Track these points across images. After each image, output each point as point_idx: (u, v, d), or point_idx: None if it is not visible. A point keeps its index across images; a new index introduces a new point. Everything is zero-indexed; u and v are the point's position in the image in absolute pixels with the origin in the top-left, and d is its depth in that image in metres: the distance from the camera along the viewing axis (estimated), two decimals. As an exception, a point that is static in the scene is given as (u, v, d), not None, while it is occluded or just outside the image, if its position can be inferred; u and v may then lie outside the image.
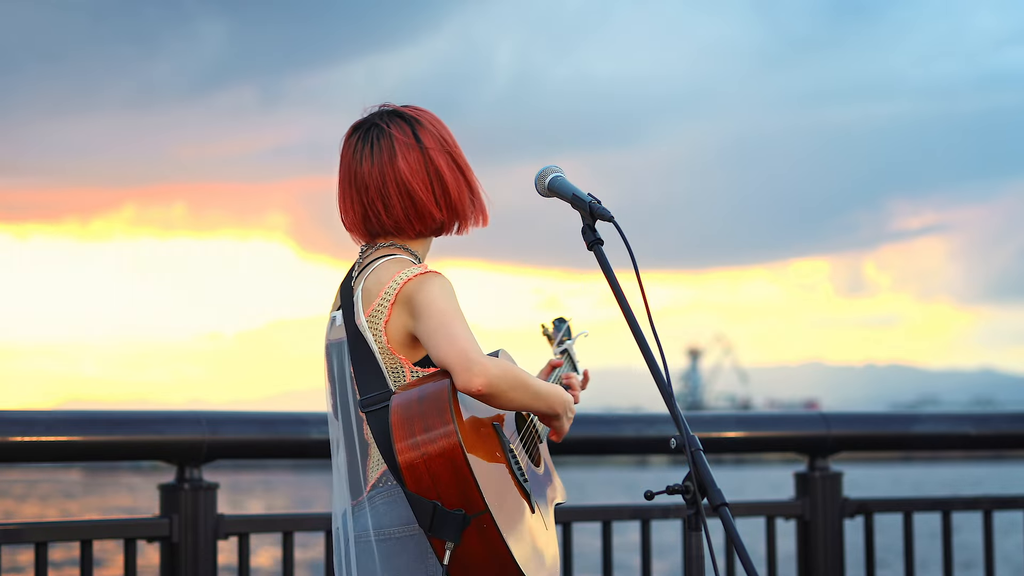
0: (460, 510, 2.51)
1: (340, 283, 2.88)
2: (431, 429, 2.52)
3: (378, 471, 2.72)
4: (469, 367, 2.57)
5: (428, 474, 2.51)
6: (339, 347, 2.80)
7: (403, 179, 2.78)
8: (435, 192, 2.80)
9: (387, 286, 2.71)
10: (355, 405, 2.75)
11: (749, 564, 2.29)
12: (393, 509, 2.69)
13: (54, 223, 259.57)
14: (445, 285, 2.71)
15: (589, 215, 2.63)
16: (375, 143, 2.81)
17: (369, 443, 2.73)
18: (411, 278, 2.70)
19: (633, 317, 2.50)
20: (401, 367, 2.71)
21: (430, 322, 2.65)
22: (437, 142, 2.83)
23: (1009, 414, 5.44)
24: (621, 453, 5.00)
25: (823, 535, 4.81)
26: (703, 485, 2.38)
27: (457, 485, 2.50)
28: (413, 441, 2.52)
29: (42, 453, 3.93)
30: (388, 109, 2.87)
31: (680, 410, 2.45)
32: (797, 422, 5.14)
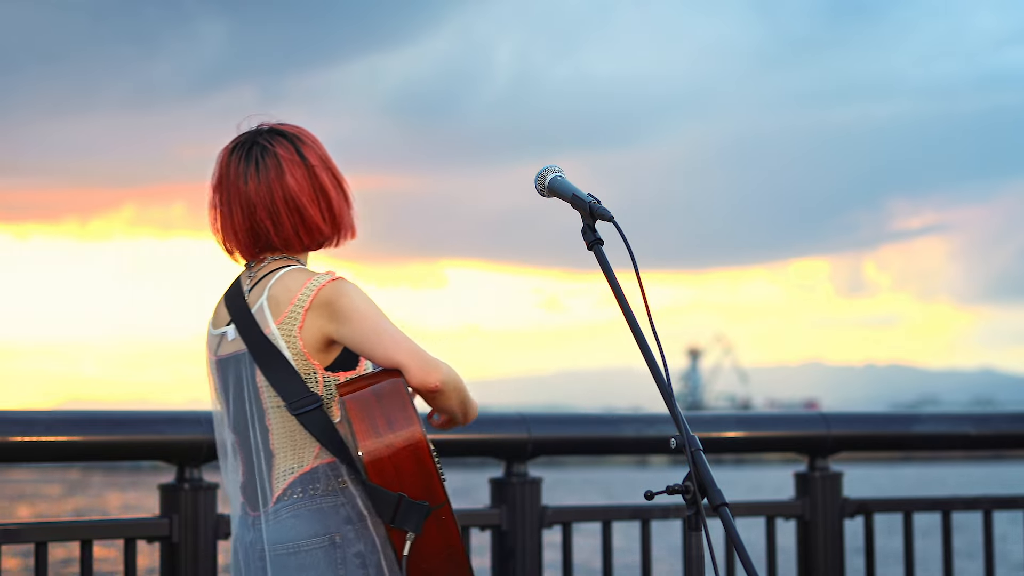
0: (424, 502, 2.61)
1: (223, 299, 2.90)
2: (395, 424, 2.61)
3: (285, 482, 2.76)
4: (425, 363, 2.69)
5: (393, 467, 2.60)
6: (235, 361, 2.82)
7: (292, 195, 2.82)
8: (321, 207, 2.85)
9: (299, 293, 2.75)
10: (259, 416, 2.79)
11: (749, 564, 2.29)
12: (301, 521, 2.74)
13: (54, 223, 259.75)
14: (360, 289, 2.78)
15: (589, 215, 2.63)
16: (259, 161, 2.84)
17: (275, 454, 2.78)
18: (325, 284, 2.76)
19: (633, 317, 2.50)
20: (314, 372, 2.76)
21: (364, 324, 2.72)
22: (319, 159, 2.88)
23: (1009, 414, 5.44)
24: (621, 453, 5.00)
25: (823, 535, 4.81)
26: (703, 485, 2.38)
27: (421, 477, 2.61)
28: (377, 436, 2.61)
29: (42, 453, 3.93)
30: (267, 127, 2.90)
31: (680, 410, 2.45)
32: (797, 422, 5.14)
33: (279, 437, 2.78)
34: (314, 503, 2.74)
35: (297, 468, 2.76)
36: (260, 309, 2.79)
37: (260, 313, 2.78)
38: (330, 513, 2.74)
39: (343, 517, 2.74)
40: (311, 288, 2.75)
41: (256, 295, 2.81)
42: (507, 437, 4.39)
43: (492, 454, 4.43)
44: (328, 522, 2.73)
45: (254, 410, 2.79)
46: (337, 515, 2.74)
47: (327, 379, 2.77)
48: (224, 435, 2.88)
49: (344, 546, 2.72)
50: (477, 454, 4.51)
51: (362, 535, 2.74)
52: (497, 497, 4.41)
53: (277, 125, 2.91)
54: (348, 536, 2.73)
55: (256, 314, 2.79)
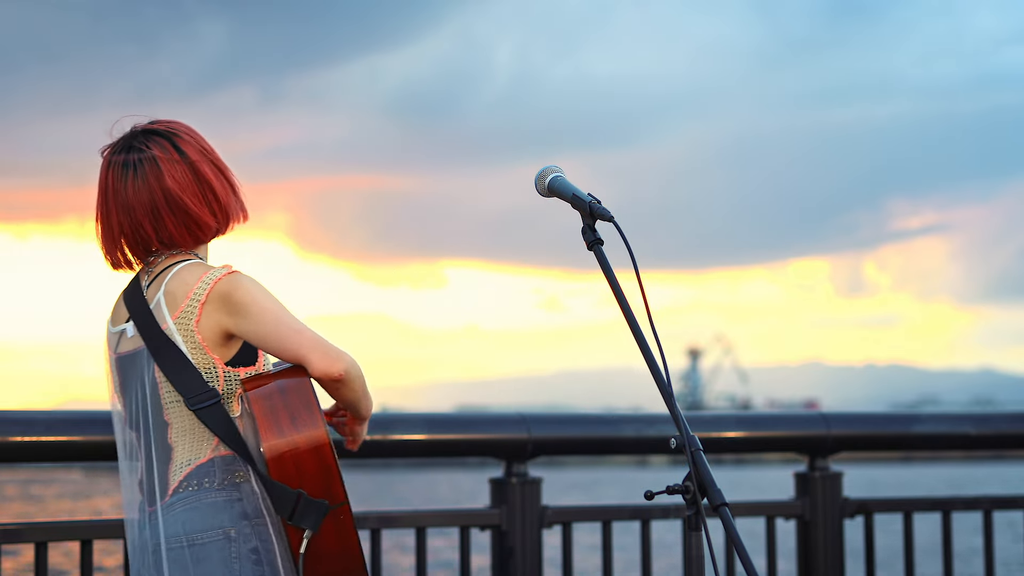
0: (323, 500, 2.62)
1: (122, 297, 2.89)
2: (298, 421, 2.62)
3: (180, 475, 2.75)
4: (327, 353, 2.69)
5: (295, 465, 2.61)
6: (134, 358, 2.81)
7: (174, 196, 2.81)
8: (208, 201, 2.85)
9: (195, 287, 2.75)
10: (157, 411, 2.77)
11: (749, 564, 2.29)
12: (197, 514, 2.73)
13: (54, 223, 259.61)
14: (258, 282, 2.78)
15: (589, 215, 2.63)
16: (137, 166, 2.82)
17: (173, 447, 2.77)
18: (221, 277, 2.76)
19: (633, 317, 2.50)
20: (214, 367, 2.76)
21: (263, 317, 2.72)
22: (199, 152, 2.86)
23: (1009, 414, 5.43)
24: (621, 453, 5.00)
25: (823, 535, 4.81)
26: (703, 485, 2.38)
27: (322, 476, 2.61)
28: (280, 433, 2.61)
29: (42, 453, 3.93)
30: (140, 128, 2.89)
31: (680, 410, 2.45)
32: (797, 422, 5.13)
33: (178, 431, 2.77)
34: (209, 496, 2.73)
35: (193, 460, 2.75)
36: (157, 304, 2.78)
37: (158, 308, 2.78)
38: (225, 507, 2.73)
39: (239, 512, 2.73)
40: (207, 282, 2.75)
41: (154, 291, 2.81)
42: (507, 437, 4.39)
43: (492, 454, 4.43)
44: (223, 516, 2.72)
45: (152, 406, 2.78)
46: (232, 509, 2.73)
47: (227, 374, 2.76)
48: (124, 434, 2.86)
49: (239, 541, 2.71)
50: (477, 454, 4.51)
51: (258, 531, 2.73)
52: (497, 497, 4.41)
53: (151, 125, 2.89)
54: (244, 531, 2.72)
55: (154, 310, 2.78)
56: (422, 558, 4.23)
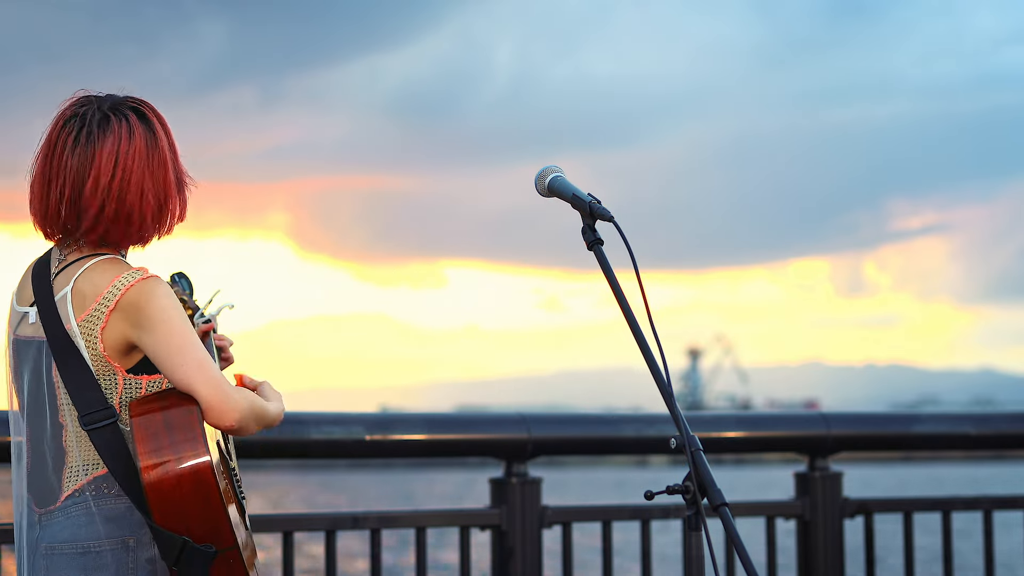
0: (210, 545, 2.51)
1: (31, 273, 2.75)
2: (183, 460, 2.48)
3: (77, 482, 2.63)
4: (222, 403, 2.56)
5: (177, 502, 2.48)
6: (32, 346, 2.68)
7: (124, 178, 2.66)
8: (159, 195, 2.70)
9: (105, 291, 2.61)
10: (53, 412, 2.65)
11: (749, 564, 2.29)
12: (92, 522, 2.61)
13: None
14: (171, 294, 2.63)
15: (589, 215, 2.63)
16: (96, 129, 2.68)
17: (66, 451, 2.64)
18: (133, 284, 2.60)
19: (633, 317, 2.50)
20: (114, 374, 2.62)
21: (169, 340, 2.57)
22: (164, 138, 2.76)
23: (1009, 414, 5.44)
24: (621, 453, 5.00)
25: (823, 535, 4.81)
26: (703, 485, 2.38)
27: (208, 520, 2.49)
28: (164, 471, 2.47)
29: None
30: (111, 96, 2.75)
31: (680, 410, 2.45)
32: (797, 422, 5.14)
33: (72, 435, 2.64)
34: (108, 503, 2.61)
35: (93, 469, 2.63)
36: (63, 299, 2.64)
37: (63, 304, 2.63)
38: (126, 514, 2.61)
39: (138, 520, 2.61)
40: (118, 287, 2.60)
41: (61, 282, 2.66)
42: (507, 437, 4.39)
43: (492, 454, 4.43)
44: (123, 524, 2.60)
45: (48, 404, 2.65)
46: (132, 517, 2.61)
47: (127, 381, 2.63)
48: (17, 421, 2.73)
49: (137, 550, 2.60)
50: (477, 454, 4.51)
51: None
52: (497, 497, 4.41)
53: (124, 98, 2.75)
54: (142, 540, 2.60)
55: (59, 303, 2.63)
56: (422, 558, 4.23)
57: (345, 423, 4.15)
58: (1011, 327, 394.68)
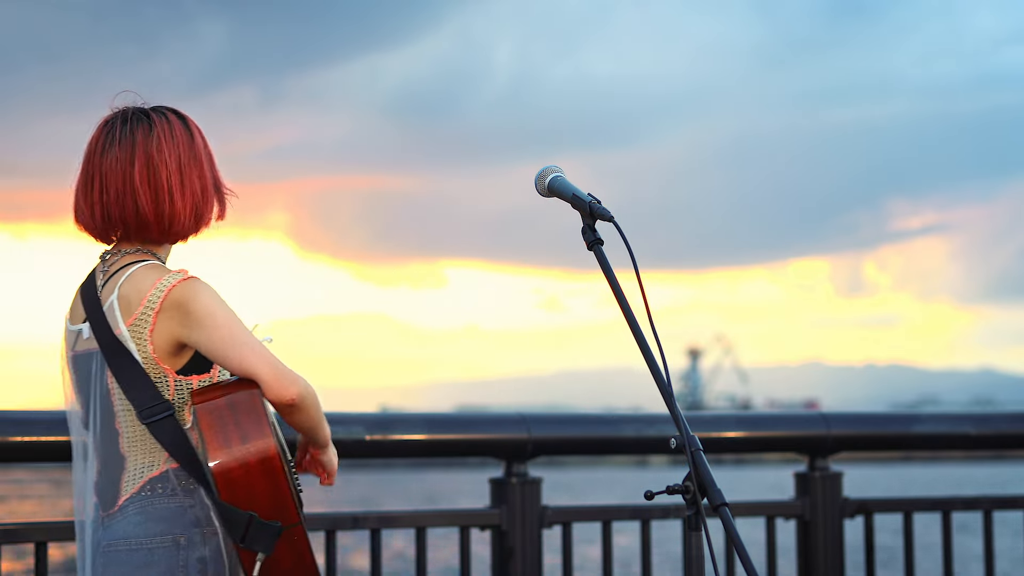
0: (276, 521, 2.55)
1: (79, 292, 2.84)
2: (248, 439, 2.54)
3: (134, 486, 2.70)
4: (282, 375, 2.63)
5: (245, 484, 2.53)
6: (88, 358, 2.75)
7: (159, 174, 2.76)
8: (192, 190, 2.80)
9: (149, 294, 2.68)
10: (109, 418, 2.72)
11: (749, 564, 2.29)
12: (147, 521, 2.67)
13: (53, 223, 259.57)
14: (213, 291, 2.70)
15: (589, 215, 2.63)
16: (132, 131, 2.78)
17: (124, 457, 2.72)
18: (176, 284, 2.68)
19: (633, 317, 2.50)
20: (165, 377, 2.69)
21: (219, 331, 2.65)
22: (200, 139, 2.86)
23: (1009, 414, 5.43)
24: (621, 453, 5.00)
25: (823, 535, 4.81)
26: (703, 485, 2.38)
27: (273, 496, 2.54)
28: (229, 450, 2.53)
29: (42, 453, 3.92)
30: (146, 105, 2.84)
31: (680, 410, 2.45)
32: (797, 422, 5.13)
33: (129, 440, 2.72)
34: (162, 502, 2.68)
35: (147, 471, 2.70)
36: (111, 308, 2.72)
37: (111, 312, 2.71)
38: (178, 514, 2.68)
39: (191, 519, 2.68)
40: (161, 288, 2.68)
41: (107, 292, 2.75)
42: (507, 437, 4.39)
43: (492, 454, 4.43)
44: (175, 523, 2.67)
45: (104, 413, 2.73)
46: (185, 517, 2.68)
47: (179, 383, 2.70)
48: (79, 433, 2.81)
49: (188, 548, 2.66)
50: (477, 454, 4.51)
51: (208, 540, 2.69)
52: (497, 497, 4.41)
53: (157, 106, 2.84)
54: (194, 539, 2.67)
55: (107, 312, 2.72)
56: (422, 558, 4.23)
57: (345, 423, 4.14)
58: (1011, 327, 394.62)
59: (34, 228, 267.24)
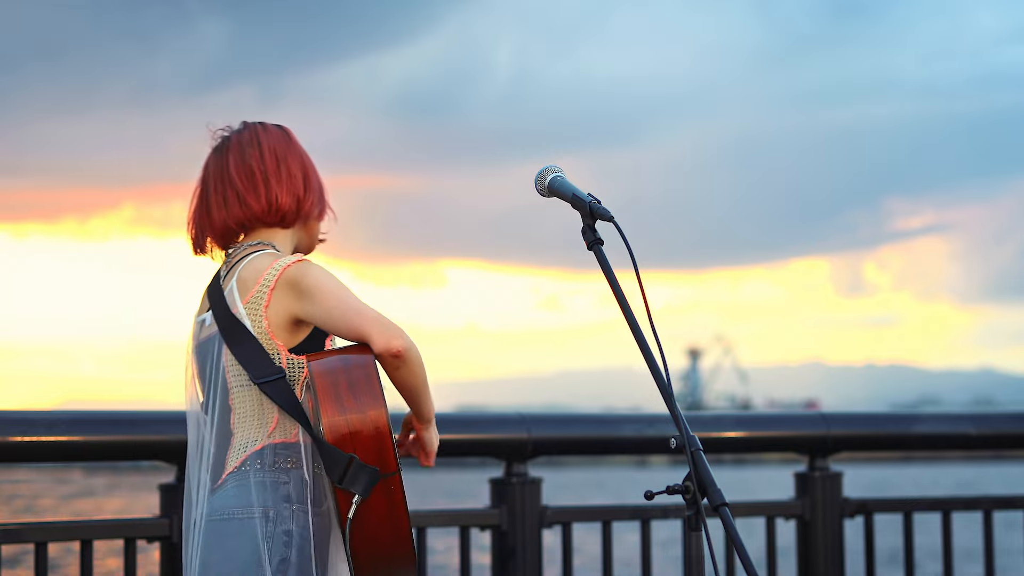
0: (375, 467, 2.64)
1: (205, 290, 2.99)
2: (359, 395, 2.65)
3: (236, 460, 2.83)
4: (388, 329, 2.72)
5: (350, 435, 2.63)
6: (209, 343, 2.90)
7: (255, 168, 2.99)
8: (291, 181, 3.02)
9: (265, 273, 2.83)
10: (224, 395, 2.86)
11: (749, 564, 2.29)
12: (240, 492, 2.80)
13: (52, 223, 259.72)
14: (325, 269, 2.85)
15: (589, 215, 2.63)
16: (232, 140, 3.03)
17: (233, 433, 2.85)
18: (290, 264, 2.83)
19: (633, 317, 2.50)
20: (278, 353, 2.82)
21: (329, 300, 2.78)
22: (296, 144, 3.10)
23: (1009, 414, 5.44)
24: (621, 453, 5.00)
25: (823, 535, 4.81)
26: (703, 485, 2.38)
27: (376, 445, 2.64)
28: (340, 404, 2.64)
29: (42, 453, 3.93)
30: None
31: (680, 410, 2.45)
32: (797, 422, 5.14)
33: (239, 416, 2.86)
34: (258, 476, 2.80)
35: (250, 447, 2.83)
36: (231, 291, 2.87)
37: (231, 295, 2.86)
38: (271, 488, 2.80)
39: (283, 495, 2.80)
40: (276, 268, 2.83)
41: (228, 280, 2.91)
42: (507, 437, 4.39)
43: (492, 454, 4.43)
44: (267, 496, 2.79)
45: (220, 390, 2.87)
46: (277, 491, 2.80)
47: (291, 360, 2.83)
48: (199, 425, 2.94)
49: (276, 522, 2.77)
50: (477, 454, 4.51)
51: (297, 517, 2.79)
52: (497, 497, 4.41)
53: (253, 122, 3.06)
54: (283, 513, 2.78)
55: (227, 296, 2.87)
56: (422, 558, 4.22)
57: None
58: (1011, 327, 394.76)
59: (34, 228, 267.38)
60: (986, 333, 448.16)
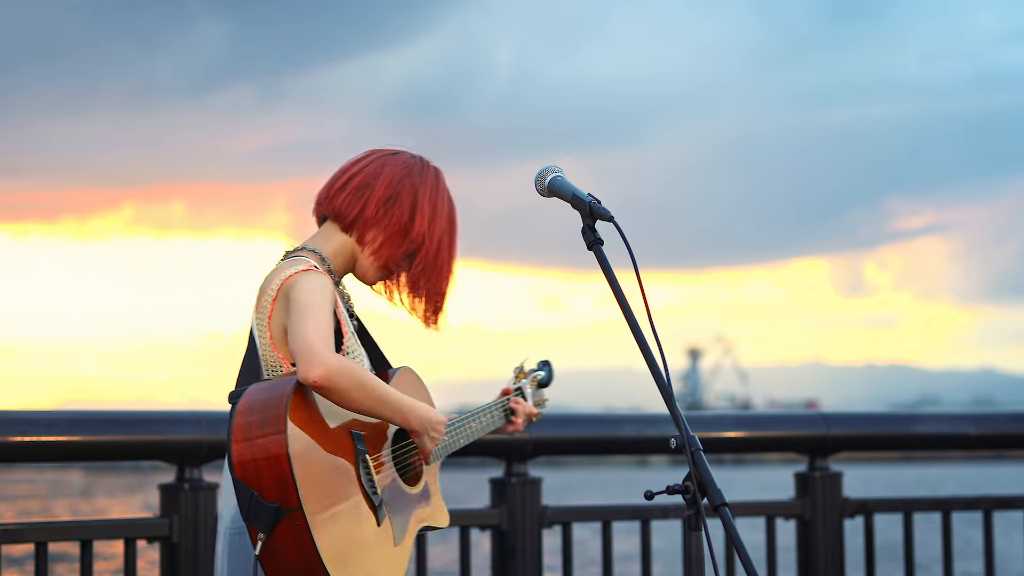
0: (275, 503, 2.57)
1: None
2: (265, 424, 2.59)
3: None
4: (310, 358, 2.60)
5: (254, 466, 2.58)
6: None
7: (360, 175, 2.96)
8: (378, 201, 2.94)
9: (273, 283, 2.79)
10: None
11: (749, 564, 2.29)
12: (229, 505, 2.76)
13: (52, 223, 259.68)
14: (322, 283, 2.75)
15: (589, 215, 2.63)
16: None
17: None
18: (291, 275, 2.77)
19: (633, 317, 2.50)
20: (279, 365, 2.79)
21: (292, 318, 2.70)
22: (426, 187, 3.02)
23: (1009, 414, 5.44)
24: (621, 453, 5.01)
25: (823, 535, 4.81)
26: (703, 485, 2.38)
27: (277, 481, 2.57)
28: (249, 435, 2.59)
29: (42, 453, 3.93)
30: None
31: (680, 410, 2.45)
32: (797, 422, 5.14)
33: None
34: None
35: None
36: (255, 297, 2.85)
37: (254, 300, 2.84)
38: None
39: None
40: (280, 279, 2.78)
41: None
42: (507, 437, 4.39)
43: (492, 454, 4.43)
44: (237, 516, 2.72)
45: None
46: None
47: (292, 373, 2.76)
48: None
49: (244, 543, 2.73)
50: (477, 454, 4.51)
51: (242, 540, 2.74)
52: (497, 497, 4.41)
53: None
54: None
55: (255, 301, 2.85)
56: (422, 559, 4.23)
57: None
58: (1011, 327, 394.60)
59: (34, 228, 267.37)
60: (986, 333, 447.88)
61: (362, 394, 2.67)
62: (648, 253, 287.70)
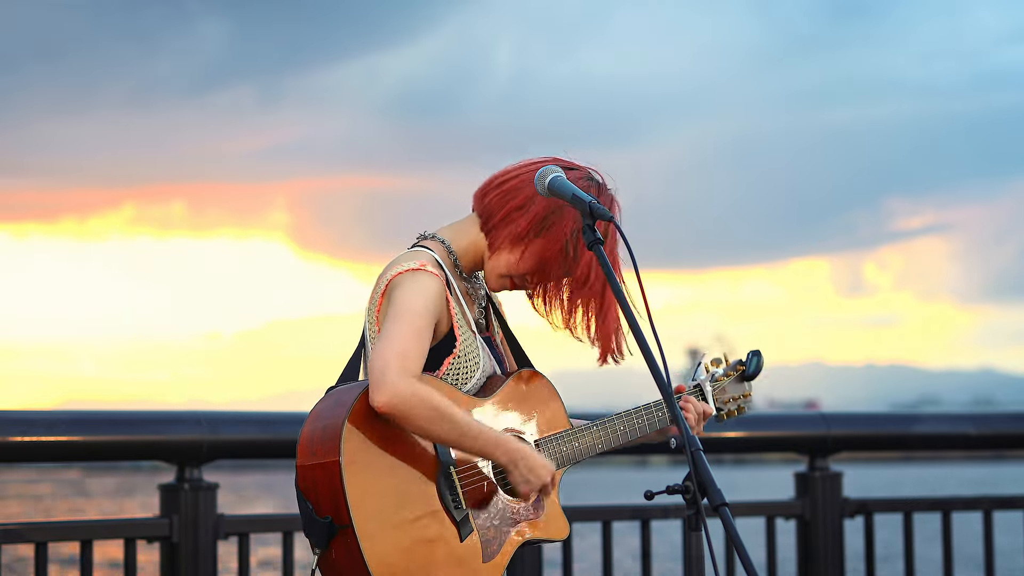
0: (328, 517, 2.55)
1: None
2: (326, 433, 2.56)
3: None
4: (380, 381, 2.53)
5: (311, 479, 2.57)
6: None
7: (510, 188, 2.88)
8: (525, 216, 2.84)
9: (383, 276, 2.73)
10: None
11: (749, 564, 2.29)
12: None
13: (52, 223, 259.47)
14: (425, 286, 2.67)
15: (589, 215, 2.63)
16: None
17: None
18: (398, 273, 2.69)
19: (633, 317, 2.50)
20: None
21: (385, 322, 2.64)
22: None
23: (1009, 414, 5.44)
24: (621, 453, 5.00)
25: (823, 535, 4.81)
26: (703, 485, 2.38)
27: (330, 496, 2.54)
28: (311, 449, 2.58)
29: (42, 453, 3.93)
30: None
31: (680, 410, 2.45)
32: (797, 422, 5.14)
33: None
34: None
35: None
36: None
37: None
38: None
39: None
40: (388, 276, 2.71)
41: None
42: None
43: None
44: None
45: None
46: None
47: None
48: None
49: None
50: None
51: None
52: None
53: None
54: None
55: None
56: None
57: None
58: (1011, 327, 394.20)
59: (34, 228, 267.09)
60: (986, 333, 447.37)
61: (437, 426, 2.57)
62: (648, 253, 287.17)
